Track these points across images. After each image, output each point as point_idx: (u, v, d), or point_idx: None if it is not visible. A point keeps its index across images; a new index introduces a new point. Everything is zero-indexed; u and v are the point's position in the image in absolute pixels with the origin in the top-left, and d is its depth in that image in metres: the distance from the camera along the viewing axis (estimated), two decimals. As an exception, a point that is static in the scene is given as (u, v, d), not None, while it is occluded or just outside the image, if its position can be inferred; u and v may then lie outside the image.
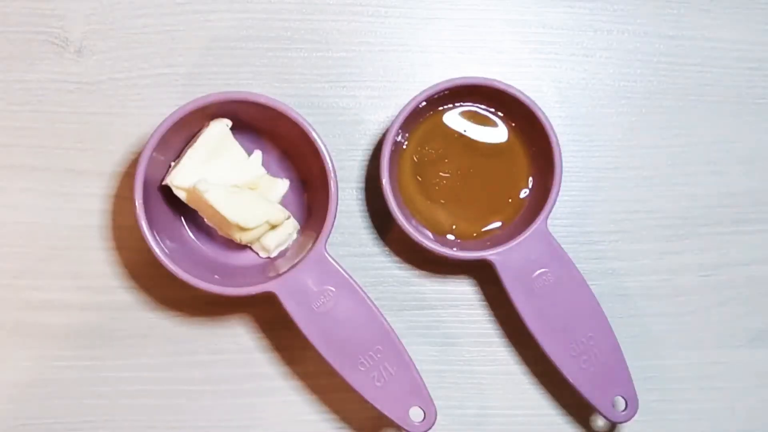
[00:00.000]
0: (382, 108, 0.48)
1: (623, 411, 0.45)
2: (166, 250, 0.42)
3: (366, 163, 0.47)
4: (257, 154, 0.45)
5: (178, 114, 0.42)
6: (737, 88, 0.49)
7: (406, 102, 0.44)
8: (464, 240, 0.46)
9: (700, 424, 0.49)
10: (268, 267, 0.45)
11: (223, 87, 0.47)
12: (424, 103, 0.45)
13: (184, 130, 0.44)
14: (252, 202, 0.43)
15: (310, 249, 0.43)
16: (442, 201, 0.46)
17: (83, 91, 0.46)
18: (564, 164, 0.44)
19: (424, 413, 0.44)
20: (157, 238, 0.42)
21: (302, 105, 0.47)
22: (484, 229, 0.46)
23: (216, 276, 0.44)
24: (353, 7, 0.48)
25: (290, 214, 0.45)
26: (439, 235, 0.46)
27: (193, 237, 0.46)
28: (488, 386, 0.48)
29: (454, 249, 0.45)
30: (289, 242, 0.46)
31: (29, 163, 0.46)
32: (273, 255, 0.45)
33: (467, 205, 0.46)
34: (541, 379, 0.48)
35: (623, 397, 0.45)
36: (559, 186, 0.44)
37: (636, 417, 0.45)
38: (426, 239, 0.44)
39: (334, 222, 0.43)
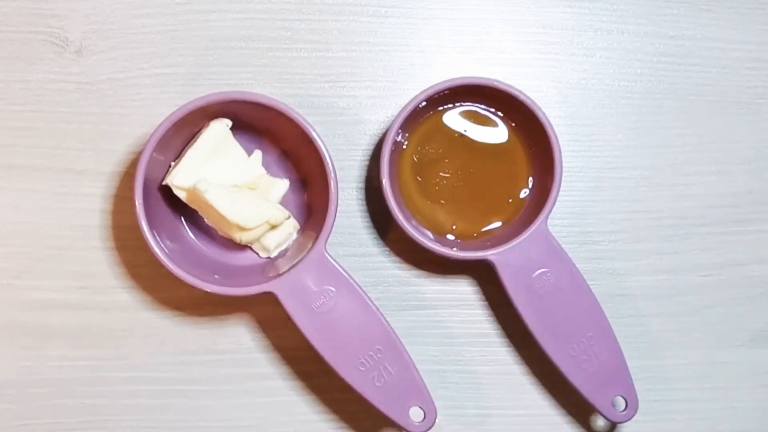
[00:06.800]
0: (382, 108, 0.48)
1: (623, 411, 0.45)
2: (166, 250, 0.42)
3: (366, 163, 0.47)
4: (257, 154, 0.45)
5: (178, 114, 0.42)
6: (737, 88, 0.49)
7: (406, 102, 0.44)
8: (464, 240, 0.46)
9: (700, 424, 0.49)
10: (268, 267, 0.45)
11: (223, 87, 0.47)
12: (424, 103, 0.45)
13: (184, 130, 0.44)
14: (252, 202, 0.43)
15: (310, 249, 0.43)
16: (442, 201, 0.46)
17: (83, 91, 0.46)
18: (564, 164, 0.44)
19: (424, 413, 0.44)
20: (157, 238, 0.42)
21: (302, 105, 0.47)
22: (484, 229, 0.46)
23: (216, 276, 0.44)
24: (353, 7, 0.47)
25: (290, 214, 0.45)
26: (439, 235, 0.46)
27: (193, 237, 0.46)
28: (488, 386, 0.48)
29: (454, 249, 0.45)
30: (289, 242, 0.46)
31: (29, 163, 0.46)
32: (273, 255, 0.45)
33: (467, 205, 0.46)
34: (541, 379, 0.48)
35: (623, 397, 0.45)
36: (559, 186, 0.44)
37: (636, 417, 0.45)
38: (426, 239, 0.44)
39: (334, 222, 0.43)
